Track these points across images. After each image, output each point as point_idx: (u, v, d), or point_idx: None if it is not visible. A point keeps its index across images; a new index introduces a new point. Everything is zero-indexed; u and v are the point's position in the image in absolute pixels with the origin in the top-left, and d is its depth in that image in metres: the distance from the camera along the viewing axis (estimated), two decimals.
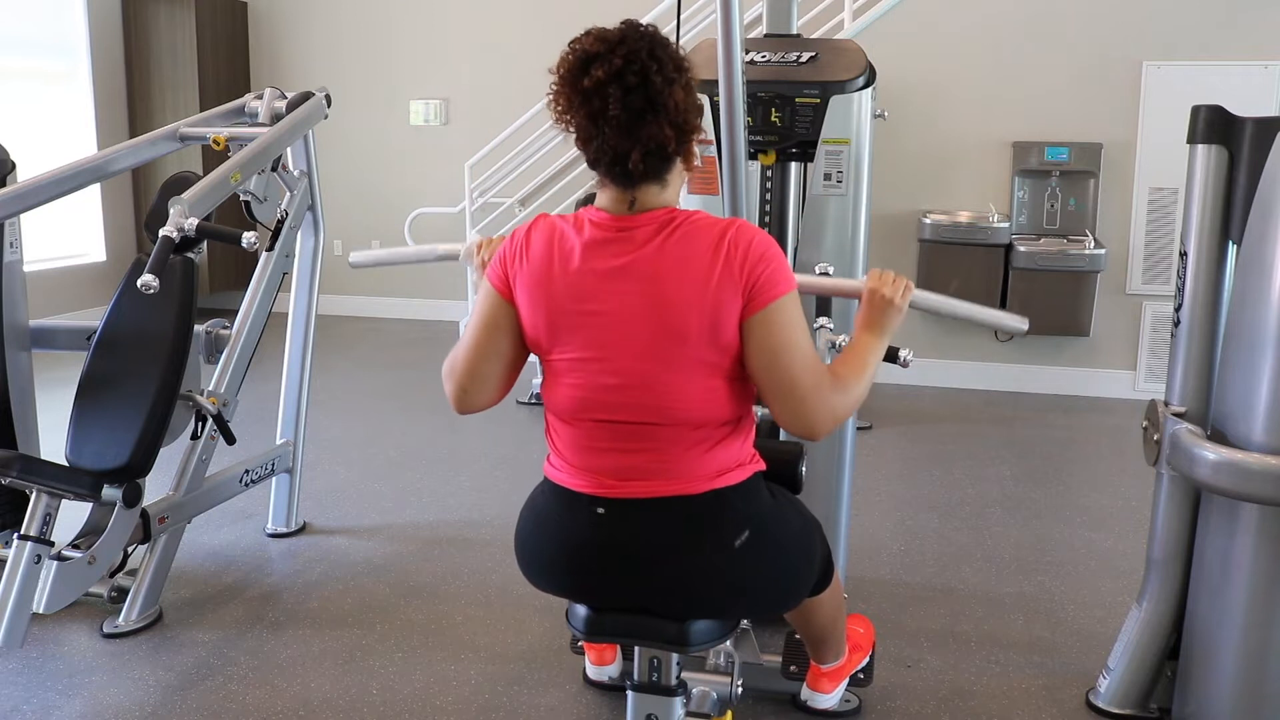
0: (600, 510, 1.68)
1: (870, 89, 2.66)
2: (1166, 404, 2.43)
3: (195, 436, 3.13)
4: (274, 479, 3.64)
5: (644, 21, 1.63)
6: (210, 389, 3.16)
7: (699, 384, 1.62)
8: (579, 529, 1.70)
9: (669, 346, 1.60)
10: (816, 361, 1.65)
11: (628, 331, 1.61)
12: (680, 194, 1.72)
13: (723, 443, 1.67)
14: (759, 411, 2.33)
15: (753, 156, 2.65)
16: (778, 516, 1.77)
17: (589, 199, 1.71)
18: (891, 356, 2.23)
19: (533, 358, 1.76)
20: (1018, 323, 2.04)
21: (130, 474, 2.80)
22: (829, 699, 2.34)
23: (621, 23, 1.61)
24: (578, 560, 1.72)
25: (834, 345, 2.27)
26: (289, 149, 3.45)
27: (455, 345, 1.80)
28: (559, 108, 1.62)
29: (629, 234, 1.61)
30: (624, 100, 1.54)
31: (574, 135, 1.63)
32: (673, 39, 1.66)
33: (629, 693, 1.84)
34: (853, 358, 1.79)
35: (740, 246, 1.59)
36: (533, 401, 5.58)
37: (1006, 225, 5.79)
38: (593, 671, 2.56)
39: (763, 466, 1.77)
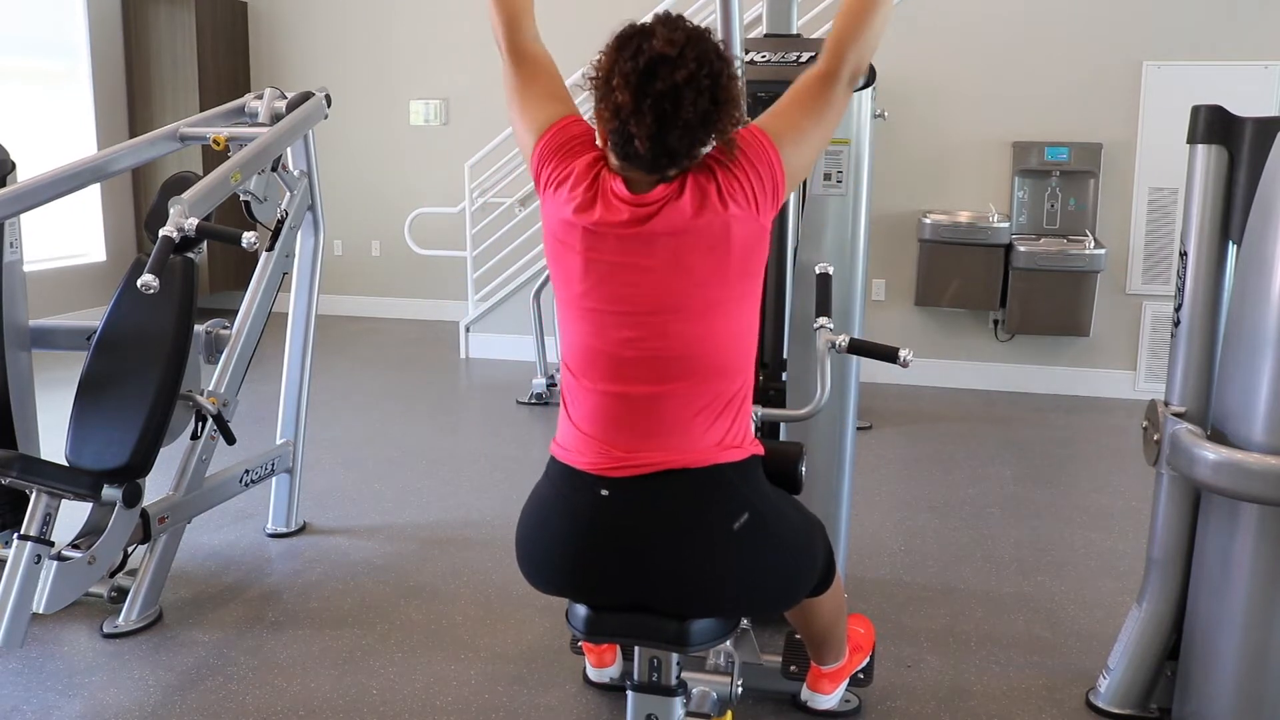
0: (605, 492, 1.69)
1: (870, 89, 2.66)
2: (1166, 404, 2.43)
3: (195, 436, 3.13)
4: (274, 479, 3.64)
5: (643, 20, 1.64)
6: (210, 389, 3.16)
7: (714, 328, 1.66)
8: (582, 511, 1.71)
9: (689, 293, 1.64)
10: (816, 81, 1.70)
11: (647, 286, 1.64)
12: None
13: (724, 413, 1.70)
14: (758, 411, 2.33)
15: None
16: (776, 508, 1.78)
17: None
18: (891, 356, 2.23)
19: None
20: None
21: (130, 474, 2.80)
22: (829, 699, 2.33)
23: (658, 19, 1.60)
24: (580, 548, 1.72)
25: (834, 345, 2.27)
26: (289, 149, 3.46)
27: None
28: (616, 100, 1.57)
29: (647, 207, 1.64)
30: (696, 103, 1.56)
31: (609, 127, 1.61)
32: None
33: (629, 693, 1.84)
34: None
35: (729, 175, 1.63)
36: (533, 402, 5.58)
37: (1006, 225, 5.79)
38: (593, 673, 2.56)
39: (760, 450, 1.79)
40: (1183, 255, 2.40)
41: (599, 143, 1.69)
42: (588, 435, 1.72)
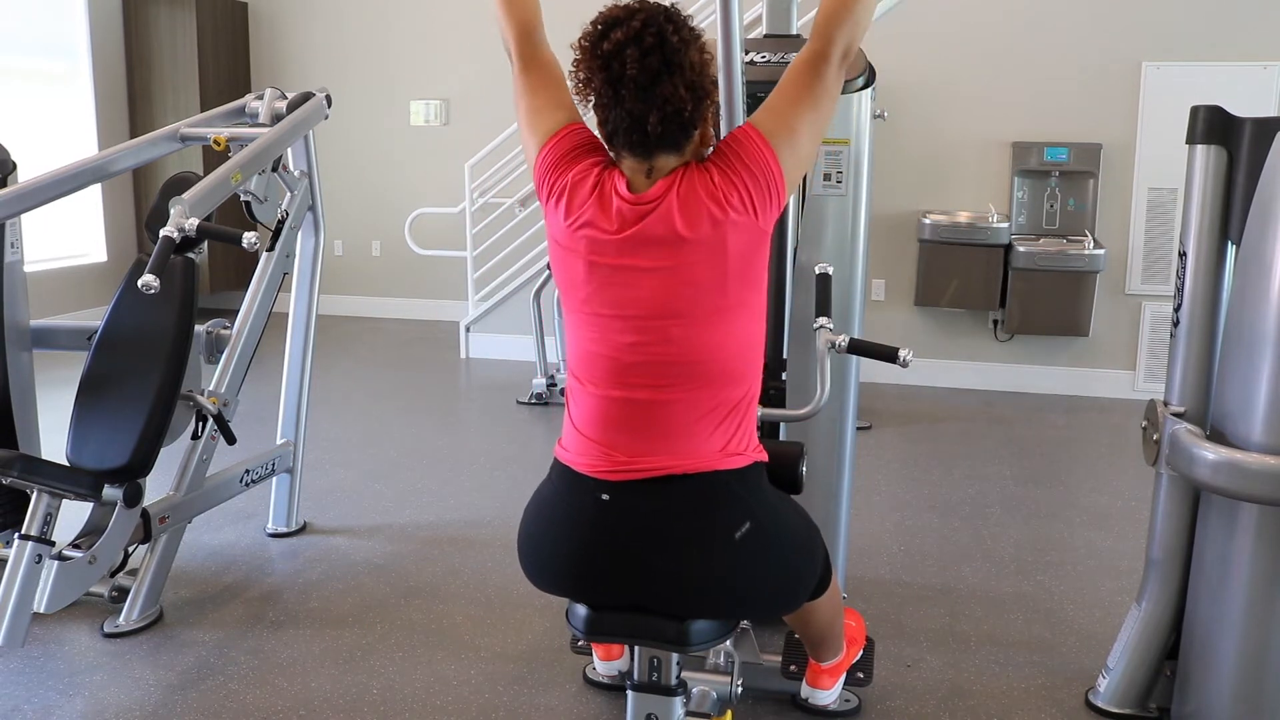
0: (605, 496, 1.69)
1: (870, 89, 2.66)
2: (1166, 404, 2.43)
3: (196, 436, 3.14)
4: (274, 479, 3.64)
5: None
6: (211, 389, 3.17)
7: (717, 335, 1.66)
8: (583, 514, 1.71)
9: (689, 298, 1.64)
10: (806, 66, 1.68)
11: (647, 290, 1.65)
12: None
13: (728, 419, 1.69)
14: (758, 411, 2.33)
15: None
16: (778, 516, 1.77)
17: None
18: (891, 357, 2.24)
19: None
20: None
21: (131, 474, 2.80)
22: (829, 694, 2.34)
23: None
24: (580, 551, 1.72)
25: (834, 345, 2.27)
26: (289, 149, 3.46)
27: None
28: (580, 77, 1.65)
29: (643, 206, 1.65)
30: (641, 61, 1.58)
31: (594, 108, 1.66)
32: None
33: (629, 692, 1.84)
34: None
35: (726, 178, 1.63)
36: (533, 402, 5.58)
37: (1006, 225, 5.80)
38: (601, 667, 2.55)
39: (764, 457, 1.78)
40: (1182, 255, 2.41)
41: (601, 135, 1.71)
42: (589, 439, 1.72)
